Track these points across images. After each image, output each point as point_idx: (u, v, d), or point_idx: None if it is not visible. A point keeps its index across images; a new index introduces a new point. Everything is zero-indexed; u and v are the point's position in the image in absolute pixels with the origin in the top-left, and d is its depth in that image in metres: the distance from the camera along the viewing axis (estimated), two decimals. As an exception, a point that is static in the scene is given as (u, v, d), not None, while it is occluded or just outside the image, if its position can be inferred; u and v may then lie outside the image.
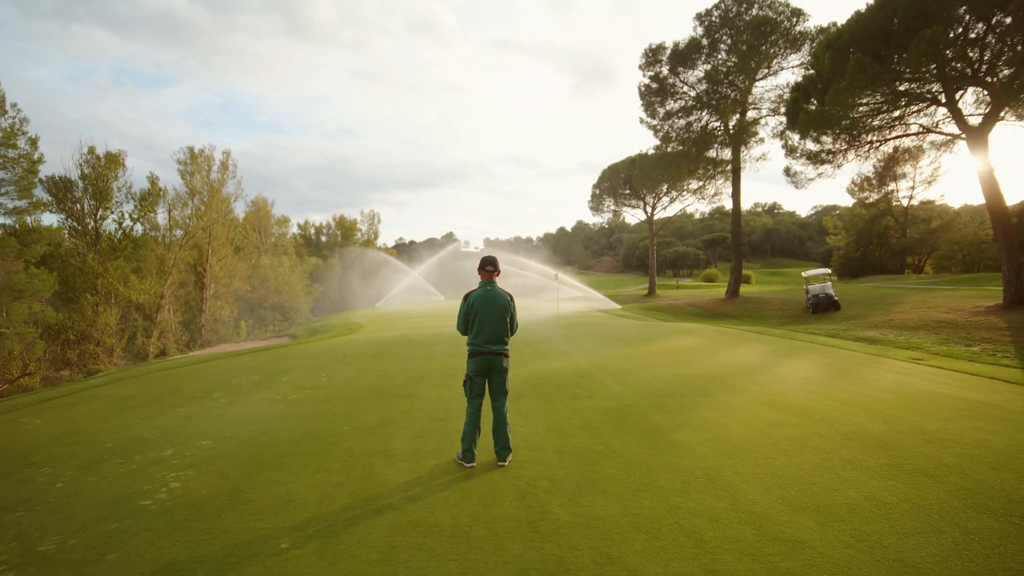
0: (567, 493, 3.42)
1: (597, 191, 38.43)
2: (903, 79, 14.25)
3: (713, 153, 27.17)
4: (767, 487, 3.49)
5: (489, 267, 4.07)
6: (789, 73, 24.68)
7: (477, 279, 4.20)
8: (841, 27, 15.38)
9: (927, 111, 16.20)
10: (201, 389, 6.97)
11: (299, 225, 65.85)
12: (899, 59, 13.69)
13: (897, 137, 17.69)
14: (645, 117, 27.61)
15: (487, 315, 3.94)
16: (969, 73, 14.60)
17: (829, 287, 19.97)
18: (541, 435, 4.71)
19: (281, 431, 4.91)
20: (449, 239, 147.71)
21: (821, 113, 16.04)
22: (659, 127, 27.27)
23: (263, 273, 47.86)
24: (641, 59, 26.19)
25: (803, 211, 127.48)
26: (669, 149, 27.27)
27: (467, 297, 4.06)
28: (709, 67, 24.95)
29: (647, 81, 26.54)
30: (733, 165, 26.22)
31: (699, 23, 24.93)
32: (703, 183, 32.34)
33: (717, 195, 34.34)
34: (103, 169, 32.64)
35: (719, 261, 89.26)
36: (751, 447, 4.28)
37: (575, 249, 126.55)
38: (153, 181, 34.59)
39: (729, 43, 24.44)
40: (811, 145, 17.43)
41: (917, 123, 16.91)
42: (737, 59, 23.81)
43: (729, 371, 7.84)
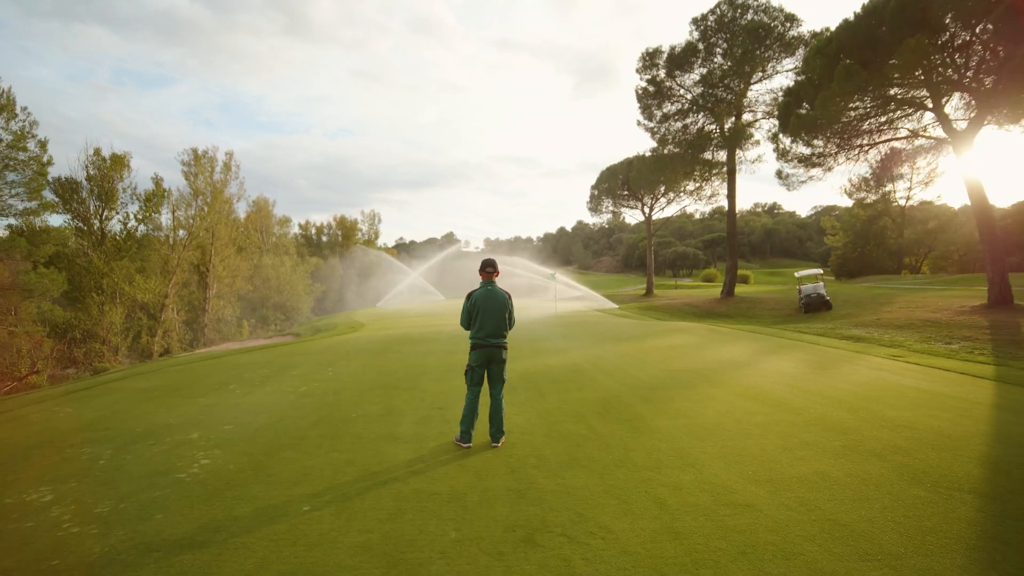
0: (552, 468, 3.88)
1: (595, 192, 38.91)
2: (890, 85, 14.69)
3: (709, 155, 27.62)
4: (729, 464, 3.94)
5: (489, 268, 4.57)
6: (783, 77, 25.11)
7: (476, 279, 4.67)
8: (830, 34, 15.82)
9: (915, 116, 16.63)
10: (217, 382, 7.44)
11: (300, 225, 66.40)
12: (886, 66, 14.11)
13: (886, 141, 18.12)
14: (642, 120, 28.08)
15: (488, 311, 4.41)
16: (955, 78, 15.03)
17: (821, 287, 20.40)
18: (532, 422, 5.17)
19: (295, 418, 5.37)
20: (449, 239, 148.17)
21: (812, 117, 16.48)
22: (656, 129, 27.74)
23: (265, 273, 48.33)
24: (638, 63, 26.67)
25: (803, 211, 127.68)
26: (666, 151, 27.73)
27: (470, 296, 4.54)
28: (705, 71, 25.40)
29: (644, 84, 27.01)
30: (728, 167, 26.66)
31: (695, 27, 25.38)
32: (700, 184, 32.78)
33: (714, 196, 34.77)
34: (108, 170, 33.13)
35: (718, 261, 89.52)
36: (721, 432, 4.73)
37: (575, 249, 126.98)
38: (158, 182, 35.07)
39: (725, 47, 24.88)
40: (802, 148, 17.88)
41: (906, 127, 17.35)
42: (732, 63, 24.25)
43: (714, 367, 8.29)
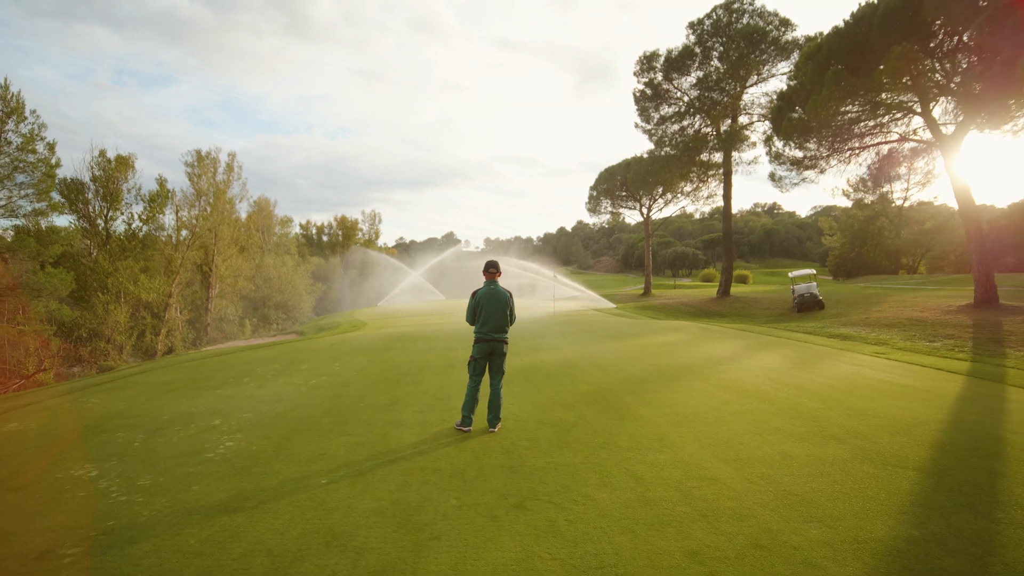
0: (542, 449, 4.31)
1: (594, 193, 39.34)
2: (879, 90, 15.09)
3: (705, 157, 28.03)
4: (702, 446, 4.36)
5: (492, 269, 5.03)
6: (778, 80, 25.52)
7: (476, 278, 5.11)
8: (821, 40, 16.24)
9: (904, 120, 17.05)
10: (231, 376, 7.87)
11: (301, 225, 66.81)
12: (874, 72, 14.51)
13: (878, 144, 18.53)
14: (640, 122, 28.50)
15: (491, 308, 4.86)
16: (944, 83, 15.44)
17: (814, 287, 20.83)
18: (527, 410, 5.59)
19: (307, 407, 5.80)
20: (450, 239, 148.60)
21: (804, 121, 16.90)
22: (653, 132, 28.16)
23: (266, 273, 48.75)
24: (635, 66, 27.10)
25: (803, 211, 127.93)
26: (662, 153, 28.15)
27: (474, 294, 5.00)
28: (701, 74, 25.82)
29: (641, 87, 27.42)
30: (724, 169, 27.08)
31: (692, 31, 25.79)
32: (697, 186, 33.19)
33: (711, 197, 35.21)
34: (113, 171, 33.58)
35: (717, 261, 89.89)
36: (699, 419, 5.15)
37: (575, 249, 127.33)
38: (162, 183, 35.49)
39: (721, 51, 25.29)
40: (795, 151, 18.29)
41: (895, 131, 17.76)
42: (728, 67, 24.66)
43: (701, 362, 8.71)
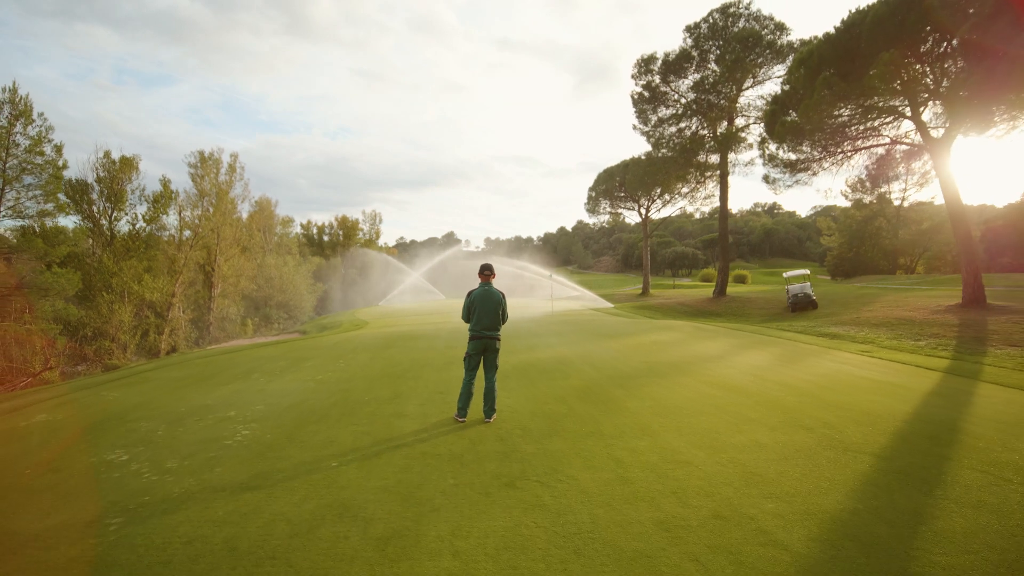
0: (534, 437, 4.69)
1: (593, 194, 39.69)
2: (869, 95, 15.45)
3: (702, 158, 28.38)
4: (681, 434, 4.74)
5: (487, 272, 5.39)
6: (774, 83, 25.84)
7: (474, 278, 5.50)
8: (812, 46, 16.59)
9: (895, 123, 17.40)
10: (240, 372, 8.26)
11: (302, 225, 67.08)
12: (864, 77, 14.86)
13: (870, 147, 18.89)
14: (638, 124, 28.86)
15: (484, 308, 5.23)
16: (933, 87, 15.79)
17: (808, 287, 21.18)
18: (521, 403, 5.97)
19: (315, 400, 6.19)
20: (450, 238, 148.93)
21: (796, 124, 17.26)
22: (651, 133, 28.51)
23: (268, 272, 49.14)
24: (634, 69, 27.45)
25: (803, 211, 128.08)
26: (660, 155, 28.50)
27: (470, 294, 5.38)
28: (698, 77, 26.17)
29: (639, 90, 27.78)
30: (721, 171, 27.44)
31: (688, 35, 26.14)
32: (694, 187, 33.54)
33: (709, 198, 35.51)
34: (118, 172, 34.00)
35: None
36: (680, 411, 5.53)
37: (575, 248, 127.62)
38: (165, 184, 35.90)
39: (717, 54, 25.64)
40: (788, 154, 18.65)
41: (887, 134, 18.11)
42: (724, 70, 25.01)
43: (690, 359, 9.09)
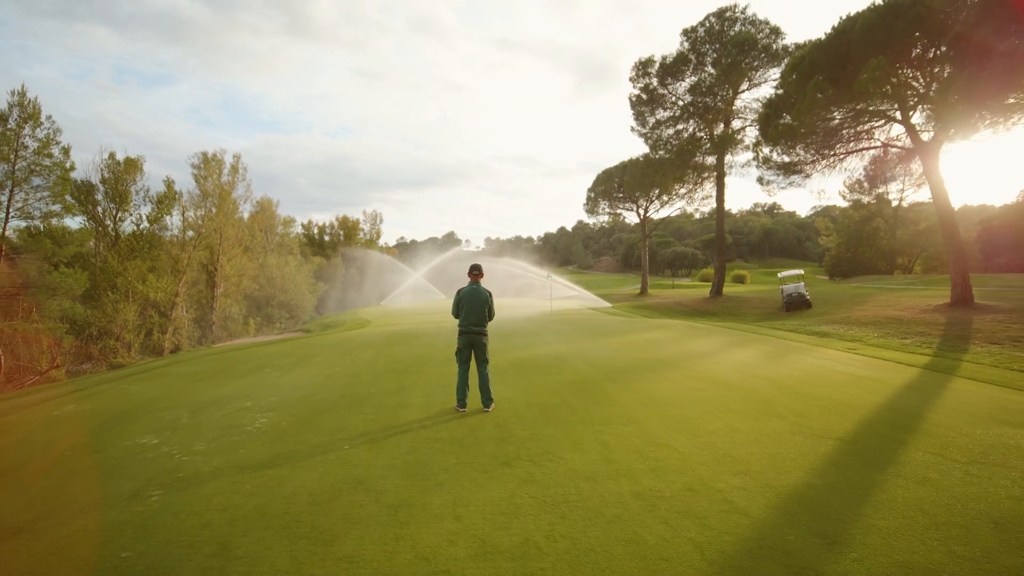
0: (528, 425, 5.10)
1: (592, 194, 40.11)
2: (859, 100, 15.84)
3: (700, 160, 28.79)
4: (664, 421, 5.15)
5: (475, 272, 5.78)
6: (769, 86, 26.25)
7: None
8: (804, 52, 16.99)
9: (886, 127, 17.79)
10: (252, 367, 8.68)
11: (303, 225, 67.46)
12: (854, 82, 15.26)
13: (861, 150, 19.28)
14: (636, 126, 29.28)
15: (471, 305, 5.64)
16: (923, 91, 16.19)
17: (802, 287, 21.59)
18: (517, 395, 6.39)
19: (325, 393, 6.60)
20: (450, 238, 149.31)
21: (789, 128, 17.66)
22: (649, 135, 28.92)
23: (270, 272, 49.56)
24: (631, 72, 27.87)
25: (803, 211, 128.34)
26: (657, 156, 28.91)
27: (459, 292, 5.79)
28: (695, 79, 26.57)
29: (637, 92, 28.20)
30: (718, 172, 27.84)
31: (686, 38, 26.54)
32: (692, 188, 33.94)
33: (707, 199, 35.88)
34: (122, 173, 34.46)
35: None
36: (666, 402, 5.94)
37: (575, 248, 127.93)
38: (169, 185, 36.34)
39: (714, 57, 26.04)
40: (782, 156, 19.04)
41: (879, 138, 18.51)
42: (721, 72, 25.41)
43: (681, 356, 9.50)
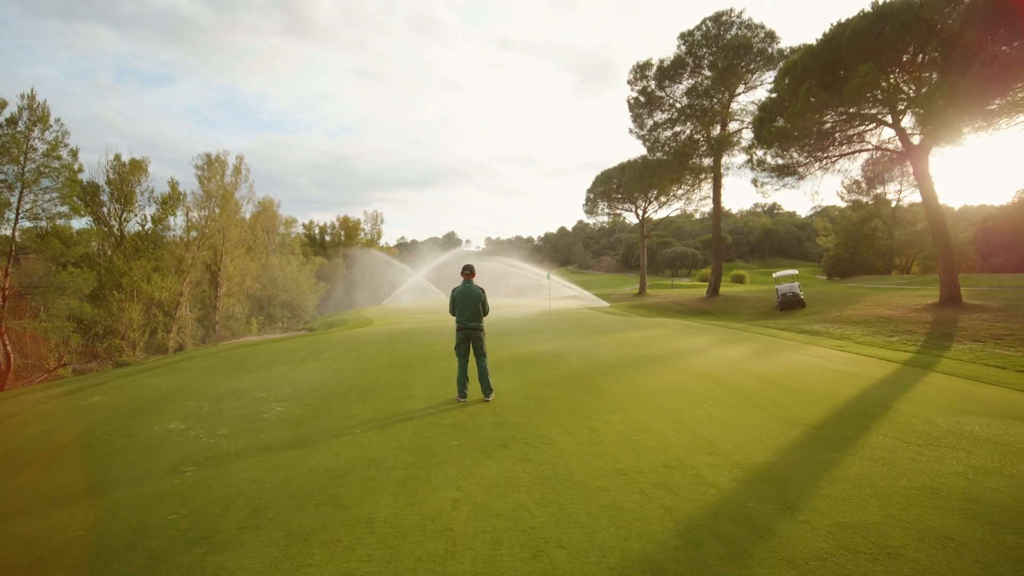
0: (524, 413, 5.52)
1: (591, 195, 40.54)
2: (849, 104, 16.25)
3: (697, 161, 29.21)
4: (650, 410, 5.57)
5: (467, 271, 6.23)
6: (765, 89, 26.64)
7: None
8: (796, 57, 17.40)
9: (876, 130, 18.20)
10: (263, 362, 9.12)
11: (304, 225, 67.89)
12: (844, 87, 15.67)
13: (854, 152, 19.68)
14: (634, 128, 29.70)
15: (465, 302, 6.09)
16: (913, 95, 16.59)
17: (796, 287, 22.01)
18: (515, 387, 6.81)
19: (334, 385, 7.03)
20: (451, 238, 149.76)
21: (782, 131, 18.08)
22: (647, 137, 29.34)
23: (272, 272, 50.03)
24: (629, 75, 28.30)
25: (803, 211, 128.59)
26: (655, 158, 29.35)
27: (453, 291, 6.25)
28: (692, 82, 26.99)
29: (635, 95, 28.61)
30: (715, 173, 28.26)
31: (683, 41, 26.96)
32: (690, 188, 34.37)
33: (705, 199, 36.29)
34: (127, 174, 34.94)
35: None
36: (654, 393, 6.36)
37: (575, 248, 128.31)
38: (173, 186, 36.81)
39: (711, 60, 26.46)
40: (776, 159, 19.44)
41: (870, 140, 18.92)
42: (717, 76, 25.82)
43: (672, 353, 9.91)
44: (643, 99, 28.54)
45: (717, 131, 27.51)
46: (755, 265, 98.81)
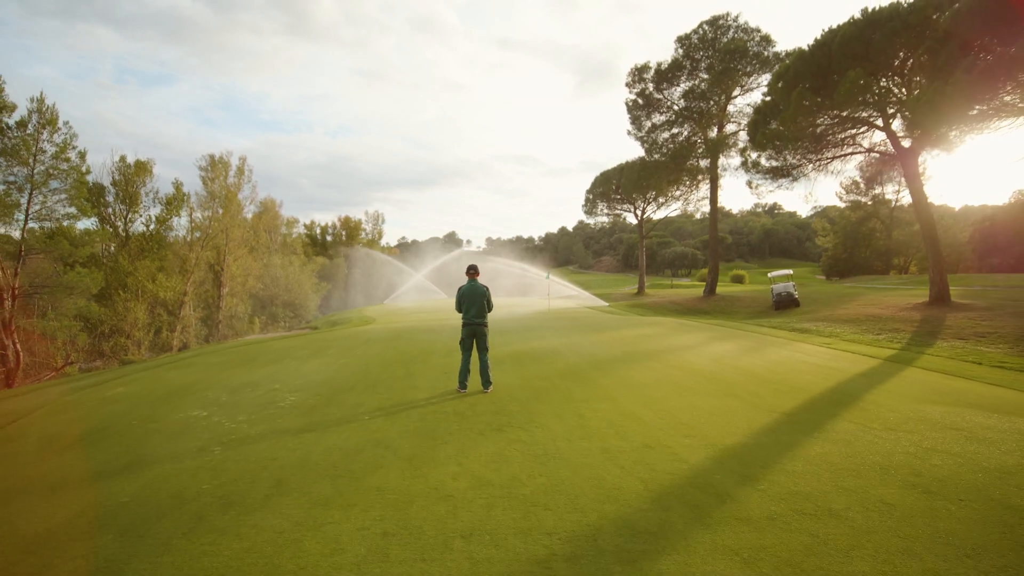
0: (520, 402, 5.95)
1: (590, 196, 40.97)
2: (840, 108, 16.66)
3: (694, 162, 29.63)
4: (636, 400, 6.00)
5: (472, 271, 6.64)
6: (760, 92, 27.02)
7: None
8: (789, 62, 17.81)
9: (868, 133, 18.60)
10: (273, 357, 9.56)
11: (305, 225, 68.36)
12: (835, 91, 16.08)
13: (847, 155, 20.08)
14: (632, 129, 30.12)
15: (471, 300, 6.50)
16: (902, 99, 16.98)
17: (791, 286, 22.40)
18: (512, 380, 7.24)
19: (342, 378, 7.46)
20: (451, 238, 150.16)
21: (776, 133, 18.48)
22: (645, 139, 29.76)
23: (274, 272, 50.51)
24: (628, 77, 28.72)
25: (803, 211, 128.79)
26: (653, 159, 29.76)
27: (459, 289, 6.66)
28: (689, 85, 27.40)
29: (633, 97, 29.04)
30: (712, 174, 28.66)
31: (680, 45, 27.37)
32: (688, 189, 34.77)
33: (703, 200, 36.70)
34: (133, 176, 35.44)
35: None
36: (642, 385, 6.78)
37: (576, 248, 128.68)
38: (178, 187, 37.28)
39: (707, 63, 26.87)
40: (770, 161, 19.86)
41: (863, 143, 19.32)
42: (714, 79, 26.22)
43: (664, 349, 10.33)
44: (641, 101, 28.96)
45: (714, 133, 27.91)
46: (755, 265, 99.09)
